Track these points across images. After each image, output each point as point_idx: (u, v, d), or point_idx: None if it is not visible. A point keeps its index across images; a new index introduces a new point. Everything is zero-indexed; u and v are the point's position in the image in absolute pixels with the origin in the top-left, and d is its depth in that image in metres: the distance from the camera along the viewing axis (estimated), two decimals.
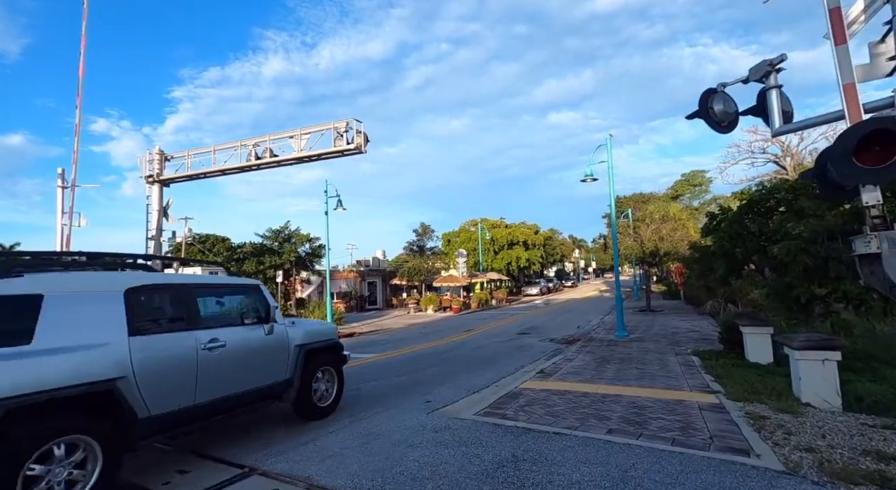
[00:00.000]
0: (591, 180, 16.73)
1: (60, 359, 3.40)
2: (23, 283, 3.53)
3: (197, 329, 4.48)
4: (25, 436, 3.15)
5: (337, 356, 6.43)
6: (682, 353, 11.53)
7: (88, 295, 3.83)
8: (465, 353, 13.18)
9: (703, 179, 40.51)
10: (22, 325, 3.38)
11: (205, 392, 4.35)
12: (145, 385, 3.82)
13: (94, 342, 3.64)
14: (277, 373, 5.32)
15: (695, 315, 21.10)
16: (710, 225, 12.06)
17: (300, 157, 14.90)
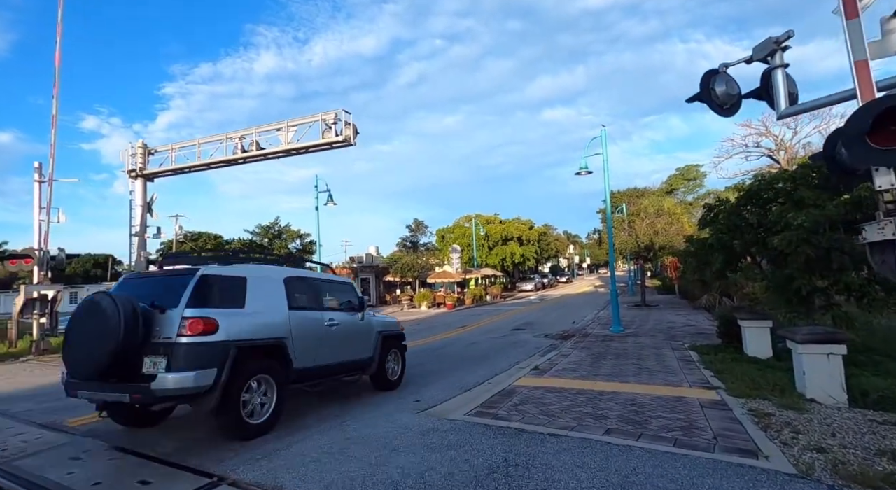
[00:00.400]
0: (586, 173, 16.44)
1: (259, 320, 5.23)
2: (235, 269, 5.52)
3: (322, 310, 6.29)
4: (242, 368, 4.82)
5: (401, 342, 8.09)
6: (679, 347, 11.29)
7: (267, 279, 5.68)
8: (458, 349, 12.88)
9: (698, 173, 40.37)
10: (239, 295, 5.17)
11: (323, 357, 6.06)
12: (296, 345, 5.55)
13: (273, 311, 5.47)
14: (366, 351, 6.98)
15: (690, 309, 20.94)
16: (707, 217, 11.80)
17: (287, 150, 14.47)
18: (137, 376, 4.45)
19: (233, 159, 15.21)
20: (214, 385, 4.54)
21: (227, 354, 4.67)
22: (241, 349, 4.81)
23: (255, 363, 5.02)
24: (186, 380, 4.38)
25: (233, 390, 4.70)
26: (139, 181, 16.38)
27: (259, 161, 15.58)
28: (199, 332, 4.55)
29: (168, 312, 4.62)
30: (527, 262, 49.62)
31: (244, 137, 14.99)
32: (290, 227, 22.88)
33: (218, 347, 4.63)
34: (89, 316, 4.54)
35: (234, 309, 5.02)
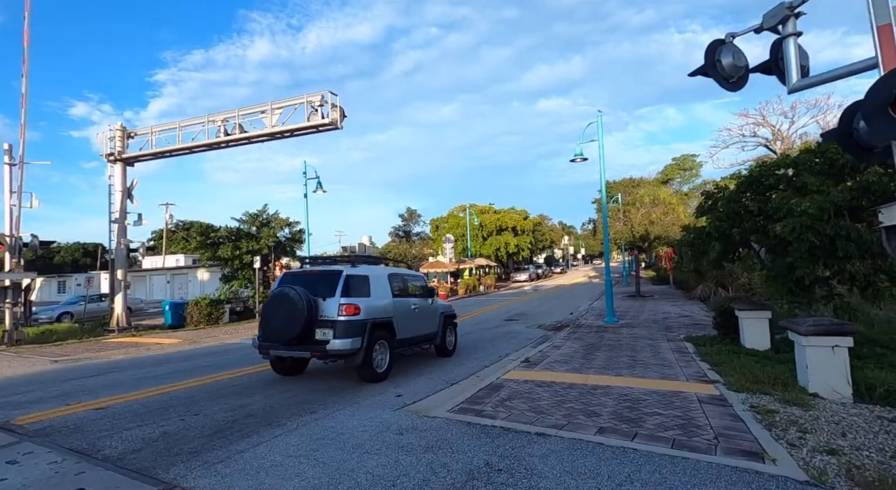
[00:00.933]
0: (581, 160, 16.00)
1: (379, 304, 7.47)
2: (361, 269, 7.67)
3: (409, 297, 8.51)
4: (373, 337, 7.05)
5: (454, 321, 10.29)
6: (674, 339, 10.99)
7: (380, 276, 7.93)
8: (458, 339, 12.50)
9: (694, 164, 39.97)
10: (365, 288, 7.38)
11: (411, 331, 8.31)
12: (397, 322, 7.78)
13: (385, 298, 7.73)
14: (434, 327, 9.24)
15: (685, 300, 20.70)
16: (705, 204, 11.42)
17: (272, 133, 13.87)
18: (313, 341, 6.85)
19: (215, 143, 14.62)
20: (360, 347, 6.88)
21: (366, 328, 7.03)
22: (372, 324, 7.16)
23: (379, 333, 7.33)
24: (346, 344, 6.74)
25: (370, 351, 7.06)
26: (118, 166, 15.74)
27: (243, 145, 14.99)
28: (351, 313, 6.93)
29: (328, 300, 7.01)
30: (521, 252, 49.26)
31: (227, 120, 14.37)
32: (278, 215, 22.27)
33: (361, 323, 6.99)
34: (281, 302, 6.89)
35: (366, 297, 7.34)
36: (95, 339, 13.86)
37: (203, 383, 7.45)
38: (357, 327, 6.85)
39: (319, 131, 13.80)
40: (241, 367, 9.00)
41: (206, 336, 14.39)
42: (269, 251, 21.34)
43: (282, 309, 6.80)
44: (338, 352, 6.69)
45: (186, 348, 12.02)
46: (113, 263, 15.79)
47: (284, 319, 6.73)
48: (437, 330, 9.29)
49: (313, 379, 7.61)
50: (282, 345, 6.90)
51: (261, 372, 8.40)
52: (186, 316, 17.74)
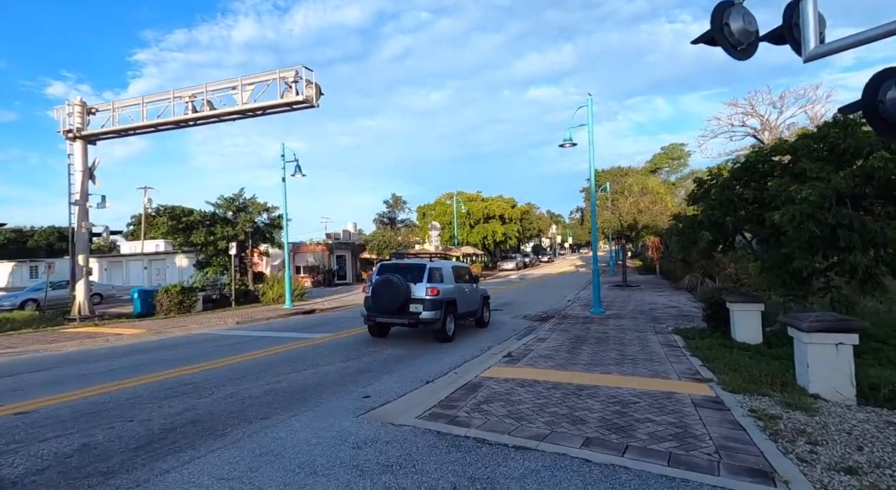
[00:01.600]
0: (570, 145, 15.40)
1: (448, 288, 10.16)
2: (437, 263, 10.80)
3: (464, 283, 11.20)
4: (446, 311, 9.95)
5: (488, 301, 12.81)
6: (662, 331, 10.58)
7: (447, 267, 10.91)
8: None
9: (682, 153, 39.68)
10: (441, 276, 10.21)
11: (464, 307, 10.90)
12: (458, 301, 10.44)
13: (451, 284, 10.37)
14: (477, 305, 11.86)
15: (671, 290, 20.45)
16: (697, 192, 10.92)
17: (243, 111, 12.95)
18: (408, 313, 9.54)
19: (182, 120, 13.65)
20: (440, 318, 9.60)
21: (442, 304, 9.74)
22: (446, 302, 9.84)
23: (449, 308, 10.00)
24: (431, 315, 9.49)
25: (444, 320, 9.78)
26: (78, 144, 14.67)
27: (212, 122, 14.04)
28: (434, 294, 9.58)
29: (418, 284, 9.68)
30: (509, 241, 48.86)
31: (195, 96, 13.40)
32: (255, 200, 21.33)
33: (440, 301, 9.68)
34: (387, 285, 9.55)
35: (441, 283, 10.00)
36: (52, 329, 13.00)
37: (153, 381, 6.77)
38: (438, 304, 9.73)
39: (294, 109, 12.93)
40: (202, 361, 8.32)
41: (174, 326, 13.62)
42: (245, 237, 20.47)
43: (387, 290, 9.58)
44: (426, 320, 9.62)
45: (147, 340, 11.27)
46: (73, 248, 14.82)
47: (390, 297, 9.54)
48: (479, 308, 12.08)
49: (279, 374, 6.99)
50: (386, 315, 9.85)
51: (221, 367, 7.74)
52: (156, 304, 16.89)
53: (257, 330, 12.91)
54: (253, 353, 9.14)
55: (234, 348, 9.75)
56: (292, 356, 8.72)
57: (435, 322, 9.64)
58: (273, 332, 12.27)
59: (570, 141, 15.20)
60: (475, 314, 11.85)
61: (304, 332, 12.11)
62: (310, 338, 11.09)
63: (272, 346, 10.04)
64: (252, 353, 9.05)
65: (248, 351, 9.35)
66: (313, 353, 8.99)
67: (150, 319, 15.46)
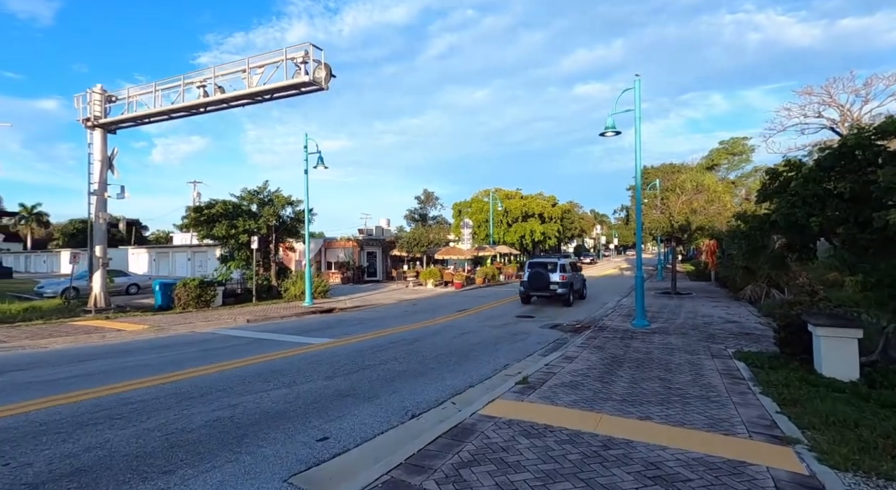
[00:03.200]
0: (613, 134, 13.55)
1: (569, 274, 17.61)
2: (563, 260, 18.22)
3: (575, 272, 18.80)
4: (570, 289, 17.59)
5: (585, 282, 20.53)
6: (720, 354, 8.69)
7: (570, 261, 19.37)
8: (443, 341, 10.62)
9: (745, 148, 35.69)
10: (568, 268, 17.97)
11: (576, 286, 18.35)
12: (573, 283, 17.87)
13: (569, 272, 17.83)
14: (580, 285, 19.21)
15: (729, 301, 17.98)
16: (770, 186, 8.91)
17: (251, 95, 12.10)
18: (549, 290, 16.81)
19: (193, 106, 13.01)
20: (567, 292, 16.84)
21: (571, 285, 17.18)
22: (570, 283, 17.04)
23: (571, 287, 17.11)
24: (562, 290, 16.79)
25: (569, 295, 17.07)
26: (98, 132, 14.43)
27: (223, 109, 13.33)
28: (563, 279, 16.78)
29: (555, 272, 16.93)
30: (548, 240, 46.52)
31: (206, 82, 12.73)
32: (280, 193, 20.76)
33: (567, 283, 16.90)
34: (538, 273, 17.00)
35: (568, 272, 17.18)
36: (62, 321, 12.76)
37: (90, 397, 5.83)
38: (565, 284, 16.54)
39: (303, 92, 11.95)
40: (173, 370, 7.40)
41: (182, 322, 13.05)
42: (268, 231, 19.91)
43: (538, 276, 16.75)
44: (559, 294, 16.53)
45: (142, 339, 10.63)
46: (91, 239, 14.63)
47: (539, 281, 16.64)
48: (581, 287, 19.17)
49: (244, 393, 5.90)
50: (535, 291, 16.96)
51: (184, 380, 6.75)
52: (174, 297, 16.56)
53: (262, 330, 12.06)
54: (235, 361, 8.16)
55: (221, 354, 8.83)
56: (275, 368, 7.64)
57: (564, 295, 16.96)
58: (276, 334, 11.35)
59: (612, 129, 13.35)
60: (580, 291, 19.29)
61: (308, 336, 11.10)
62: (308, 343, 10.04)
63: (263, 352, 9.05)
64: (233, 362, 8.06)
65: (232, 358, 8.39)
66: (300, 365, 7.88)
67: (164, 314, 15.06)
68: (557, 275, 16.79)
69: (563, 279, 16.70)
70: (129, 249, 52.24)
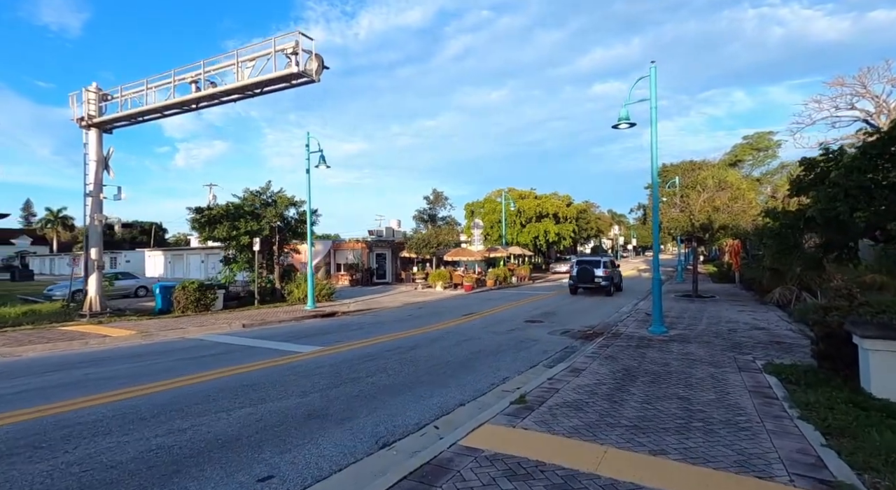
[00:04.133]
0: (627, 126, 12.60)
1: (609, 269, 21.80)
2: (604, 258, 23.36)
3: (614, 268, 23.30)
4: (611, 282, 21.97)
5: (621, 275, 26.30)
6: (748, 367, 7.72)
7: (610, 261, 23.00)
8: (441, 349, 9.87)
9: (770, 143, 33.79)
10: (609, 265, 22.24)
11: (615, 280, 22.58)
12: (613, 276, 22.11)
13: (609, 268, 21.88)
14: (619, 279, 23.97)
15: (756, 305, 16.76)
16: (805, 178, 7.93)
17: (241, 88, 11.55)
18: (594, 282, 21.15)
19: (185, 102, 12.54)
20: (608, 284, 21.13)
21: (612, 279, 21.43)
22: (610, 277, 21.16)
23: (611, 280, 21.43)
24: (605, 283, 21.10)
25: (610, 287, 21.21)
26: (93, 132, 14.11)
27: (214, 105, 12.83)
28: (606, 274, 21.04)
29: (598, 268, 21.21)
30: (563, 241, 45.27)
31: (197, 77, 12.25)
32: (283, 194, 20.30)
33: (609, 276, 21.18)
34: (585, 269, 21.31)
35: (609, 268, 21.41)
36: (52, 326, 12.41)
37: (42, 415, 5.26)
38: (607, 278, 20.51)
39: (294, 85, 11.36)
40: (141, 382, 6.81)
41: (175, 327, 12.59)
42: (270, 232, 19.45)
43: (585, 271, 20.85)
44: (602, 285, 20.54)
45: (127, 345, 10.14)
46: (87, 241, 14.31)
47: (587, 275, 20.67)
48: (619, 281, 23.50)
49: (203, 413, 5.26)
50: (582, 283, 21.00)
51: (141, 396, 6.14)
52: (174, 301, 16.17)
53: (254, 336, 11.49)
54: (209, 373, 7.55)
55: (199, 364, 8.24)
56: (250, 381, 6.99)
57: (606, 286, 20.81)
58: (266, 341, 10.75)
59: (626, 120, 12.41)
60: (618, 284, 23.12)
61: (299, 343, 10.47)
62: (297, 352, 9.39)
63: (244, 361, 8.43)
64: (207, 374, 7.45)
65: (208, 369, 7.79)
66: (278, 378, 7.21)
67: (160, 318, 14.66)
68: (601, 270, 21.02)
69: (606, 274, 20.94)
70: (147, 252, 52.91)
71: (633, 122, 12.49)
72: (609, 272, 21.08)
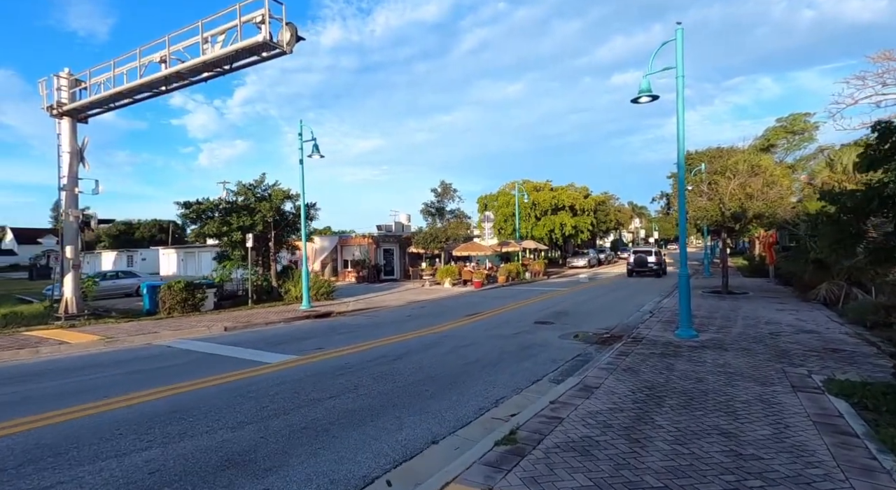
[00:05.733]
0: (649, 99, 11.00)
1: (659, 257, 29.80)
2: (654, 248, 32.51)
3: (660, 257, 30.03)
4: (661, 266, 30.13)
5: (666, 261, 34.12)
6: (805, 384, 6.14)
7: (654, 251, 30.09)
8: (433, 357, 8.54)
9: (808, 125, 31.09)
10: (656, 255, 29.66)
11: (662, 266, 29.78)
12: (662, 263, 29.93)
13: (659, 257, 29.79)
14: (664, 265, 30.60)
15: (797, 302, 14.90)
16: (880, 149, 6.25)
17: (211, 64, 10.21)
18: (648, 268, 28.63)
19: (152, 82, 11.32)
20: (658, 268, 28.65)
21: (660, 264, 29.15)
22: (660, 263, 29.04)
23: (661, 266, 29.01)
24: (656, 268, 28.50)
25: (660, 271, 28.76)
26: (66, 122, 13.15)
27: (186, 84, 11.52)
28: (657, 260, 28.66)
29: (650, 256, 28.97)
30: (580, 234, 43.31)
31: (165, 57, 11.10)
32: (279, 187, 19.20)
33: (659, 262, 28.98)
34: (641, 258, 29.02)
35: (658, 256, 29.10)
36: (16, 331, 11.54)
37: None
38: (658, 264, 28.32)
39: (265, 58, 10.10)
40: (68, 404, 5.67)
41: (150, 330, 11.59)
42: (265, 228, 18.39)
43: (642, 259, 28.65)
44: (655, 270, 28.13)
45: (83, 353, 9.12)
46: (61, 239, 13.42)
47: (642, 262, 28.46)
48: (664, 267, 29.76)
49: (97, 456, 4.05)
50: (637, 268, 28.50)
51: (61, 421, 4.96)
52: (159, 301, 15.25)
53: (227, 343, 10.37)
54: (141, 393, 6.39)
55: (142, 380, 7.10)
56: (182, 405, 5.79)
57: (657, 270, 27.74)
58: (236, 349, 9.60)
59: (647, 92, 10.79)
60: (664, 269, 29.33)
61: (272, 351, 9.28)
62: (262, 363, 8.18)
63: (196, 376, 7.26)
64: (137, 395, 6.28)
65: (145, 388, 6.64)
66: (218, 401, 5.98)
67: (140, 320, 13.72)
68: (652, 258, 28.65)
69: (656, 260, 28.48)
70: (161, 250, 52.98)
71: (655, 95, 10.86)
72: (658, 259, 28.69)
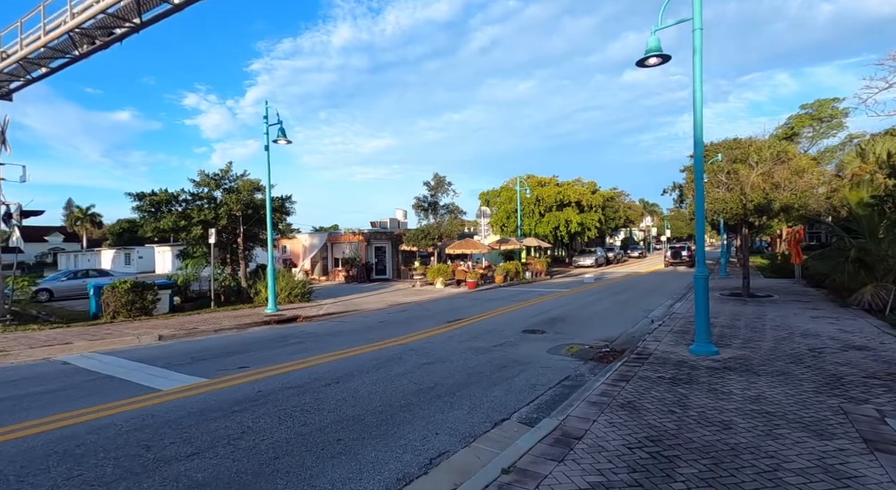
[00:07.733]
0: (658, 61, 9.00)
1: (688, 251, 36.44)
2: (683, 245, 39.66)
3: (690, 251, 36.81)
4: (693, 258, 19.46)
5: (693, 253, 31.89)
6: (882, 435, 4.13)
7: (687, 245, 38.31)
8: (378, 382, 6.66)
9: (836, 111, 28.45)
10: (688, 248, 37.13)
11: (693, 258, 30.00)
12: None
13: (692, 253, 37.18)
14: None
15: (834, 308, 12.72)
16: None
17: (111, 14, 8.61)
18: (682, 259, 35.61)
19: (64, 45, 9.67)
20: (690, 261, 33.45)
21: (693, 256, 30.39)
22: (691, 255, 34.41)
23: (691, 257, 34.11)
24: (690, 259, 34.29)
25: (692, 261, 31.57)
26: None
27: (99, 49, 9.87)
28: (689, 254, 35.26)
29: (684, 251, 36.28)
30: (587, 232, 41.05)
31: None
32: (246, 177, 17.44)
33: (690, 255, 34.49)
34: (676, 251, 36.59)
35: (689, 250, 35.79)
36: None
37: None
38: (690, 257, 34.12)
39: None
40: None
41: (59, 340, 9.91)
42: (230, 222, 16.65)
43: (677, 252, 36.03)
44: (686, 262, 34.17)
45: None
46: None
47: (678, 254, 35.65)
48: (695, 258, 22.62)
49: None
50: (674, 259, 35.77)
51: None
52: (102, 304, 13.59)
53: (140, 359, 8.63)
54: None
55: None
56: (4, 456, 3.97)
57: (689, 263, 33.35)
58: (145, 367, 7.84)
59: (656, 52, 8.76)
60: (694, 262, 22.05)
61: (181, 371, 7.50)
62: (153, 390, 6.39)
63: (44, 414, 5.50)
64: None
65: None
66: (27, 460, 4.16)
67: (70, 326, 12.05)
68: (685, 252, 35.05)
69: (689, 254, 34.28)
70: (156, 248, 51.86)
71: (666, 55, 8.84)
72: (690, 252, 34.70)
